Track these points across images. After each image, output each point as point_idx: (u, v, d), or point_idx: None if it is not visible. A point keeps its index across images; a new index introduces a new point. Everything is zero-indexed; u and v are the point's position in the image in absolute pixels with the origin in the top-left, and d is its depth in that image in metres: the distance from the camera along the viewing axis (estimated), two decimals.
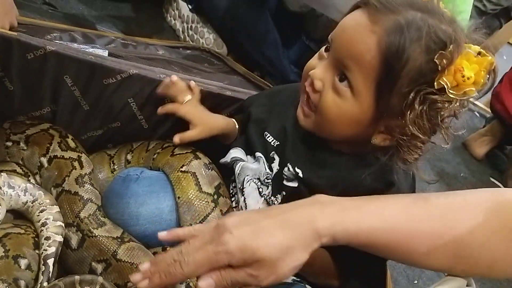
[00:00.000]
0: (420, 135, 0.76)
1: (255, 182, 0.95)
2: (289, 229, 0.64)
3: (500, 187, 2.42)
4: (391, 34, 0.74)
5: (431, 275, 1.63)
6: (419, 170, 0.84)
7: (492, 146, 2.56)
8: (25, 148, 0.96)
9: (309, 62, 0.87)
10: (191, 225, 0.93)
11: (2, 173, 0.86)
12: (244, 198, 0.96)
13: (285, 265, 0.63)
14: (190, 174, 0.96)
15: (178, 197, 0.94)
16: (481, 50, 0.74)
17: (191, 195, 0.94)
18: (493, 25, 2.70)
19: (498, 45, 3.03)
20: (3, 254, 0.76)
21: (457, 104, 0.75)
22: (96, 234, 0.86)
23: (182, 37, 1.82)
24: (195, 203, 0.94)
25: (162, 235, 0.70)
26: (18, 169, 0.95)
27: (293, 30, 1.84)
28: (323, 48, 0.84)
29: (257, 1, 1.73)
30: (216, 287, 0.62)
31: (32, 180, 0.95)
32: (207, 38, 1.75)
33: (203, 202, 0.94)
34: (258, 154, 0.96)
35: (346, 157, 0.88)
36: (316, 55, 0.86)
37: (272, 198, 0.93)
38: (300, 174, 0.89)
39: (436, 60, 0.73)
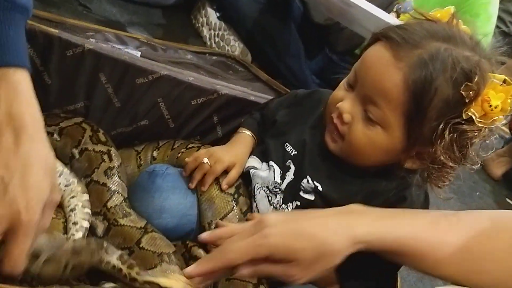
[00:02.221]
0: (451, 163, 0.78)
1: (264, 190, 0.98)
2: (327, 234, 0.67)
3: None
4: (416, 69, 0.76)
5: None
6: (433, 188, 0.86)
7: (509, 167, 2.56)
8: (58, 139, 1.01)
9: (334, 93, 0.89)
10: (211, 221, 0.97)
11: None
12: (256, 204, 0.99)
13: (319, 267, 0.67)
14: None
15: (200, 195, 0.98)
16: (506, 78, 0.76)
17: (213, 194, 0.98)
18: None
19: None
20: None
21: (486, 131, 0.77)
22: (122, 223, 0.91)
23: (209, 43, 1.87)
24: (216, 201, 0.98)
25: (204, 236, 0.75)
26: None
27: (317, 42, 1.88)
28: (346, 80, 0.87)
29: (283, 13, 1.78)
30: (253, 276, 0.67)
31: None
32: (233, 45, 1.80)
33: (224, 200, 0.98)
34: (271, 162, 0.98)
35: (367, 174, 0.90)
36: (341, 85, 0.88)
37: (283, 206, 0.95)
38: (320, 188, 0.91)
39: (463, 92, 0.75)
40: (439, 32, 0.79)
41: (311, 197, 0.92)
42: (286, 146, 0.98)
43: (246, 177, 1.03)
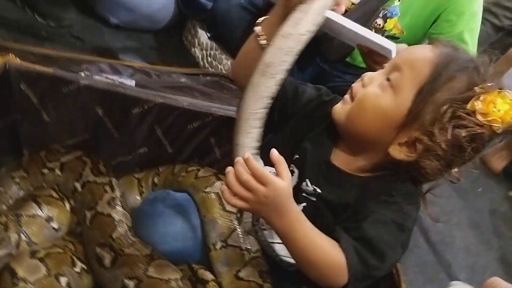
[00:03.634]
0: (444, 146, 0.82)
1: None
2: None
3: None
4: (445, 56, 0.85)
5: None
6: (426, 208, 0.92)
7: (509, 161, 2.56)
8: (60, 174, 1.04)
9: None
10: (216, 242, 0.99)
11: None
12: None
13: None
14: (213, 194, 1.03)
15: (204, 216, 1.01)
16: None
17: (215, 214, 1.01)
18: (508, 41, 2.72)
19: None
20: (46, 273, 0.83)
21: (481, 134, 0.81)
22: (128, 252, 0.92)
23: (202, 63, 1.90)
24: (219, 221, 1.00)
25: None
26: (54, 194, 1.03)
27: (308, 53, 1.89)
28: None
29: None
30: None
31: (67, 204, 1.02)
32: (225, 64, 1.82)
33: (227, 220, 1.01)
34: None
35: (358, 180, 0.93)
36: None
37: None
38: (318, 190, 0.94)
39: (476, 88, 0.82)
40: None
41: (313, 198, 0.95)
42: (296, 152, 1.00)
43: None
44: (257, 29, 0.93)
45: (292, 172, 0.98)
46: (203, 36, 1.90)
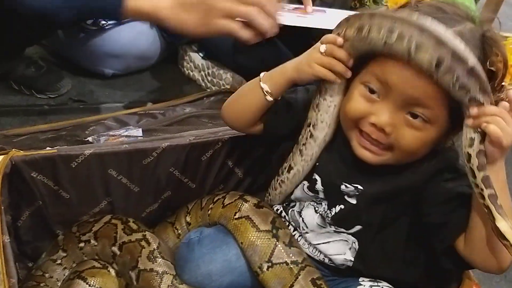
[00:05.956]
0: None
1: (311, 204, 1.01)
2: None
3: None
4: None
5: None
6: None
7: None
8: (96, 244, 1.06)
9: (355, 106, 0.86)
10: (261, 265, 0.98)
11: None
12: (303, 219, 1.01)
13: None
14: (244, 219, 1.02)
15: (241, 243, 1.00)
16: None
17: (252, 238, 1.00)
18: None
19: None
20: None
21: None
22: None
23: (204, 84, 1.90)
24: (258, 243, 0.99)
25: None
26: (96, 264, 1.05)
27: (303, 45, 1.86)
28: (365, 90, 0.85)
29: None
30: None
31: (111, 269, 1.04)
32: (226, 78, 1.82)
33: (265, 240, 1.00)
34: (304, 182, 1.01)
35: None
36: (361, 99, 0.85)
37: (328, 212, 0.97)
38: (360, 187, 0.92)
39: (492, 68, 0.77)
40: (441, 23, 0.77)
41: (353, 201, 0.94)
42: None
43: None
44: (265, 86, 0.95)
45: (315, 180, 0.98)
46: (197, 58, 1.90)
